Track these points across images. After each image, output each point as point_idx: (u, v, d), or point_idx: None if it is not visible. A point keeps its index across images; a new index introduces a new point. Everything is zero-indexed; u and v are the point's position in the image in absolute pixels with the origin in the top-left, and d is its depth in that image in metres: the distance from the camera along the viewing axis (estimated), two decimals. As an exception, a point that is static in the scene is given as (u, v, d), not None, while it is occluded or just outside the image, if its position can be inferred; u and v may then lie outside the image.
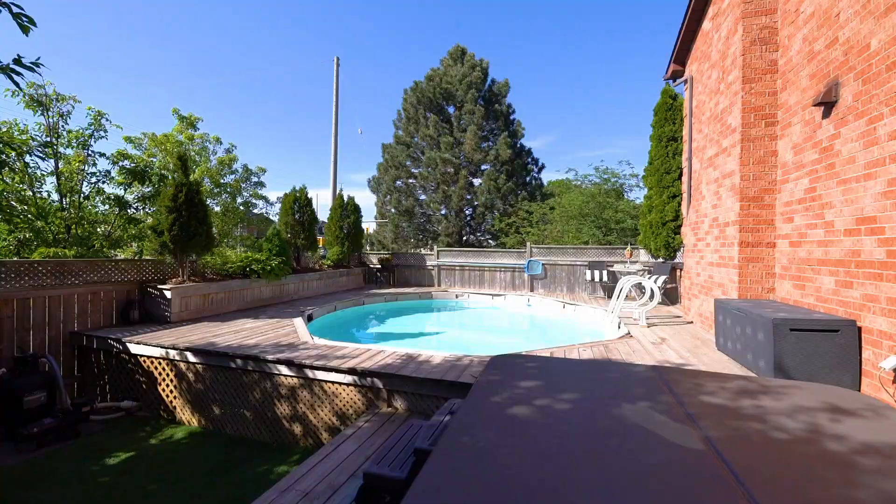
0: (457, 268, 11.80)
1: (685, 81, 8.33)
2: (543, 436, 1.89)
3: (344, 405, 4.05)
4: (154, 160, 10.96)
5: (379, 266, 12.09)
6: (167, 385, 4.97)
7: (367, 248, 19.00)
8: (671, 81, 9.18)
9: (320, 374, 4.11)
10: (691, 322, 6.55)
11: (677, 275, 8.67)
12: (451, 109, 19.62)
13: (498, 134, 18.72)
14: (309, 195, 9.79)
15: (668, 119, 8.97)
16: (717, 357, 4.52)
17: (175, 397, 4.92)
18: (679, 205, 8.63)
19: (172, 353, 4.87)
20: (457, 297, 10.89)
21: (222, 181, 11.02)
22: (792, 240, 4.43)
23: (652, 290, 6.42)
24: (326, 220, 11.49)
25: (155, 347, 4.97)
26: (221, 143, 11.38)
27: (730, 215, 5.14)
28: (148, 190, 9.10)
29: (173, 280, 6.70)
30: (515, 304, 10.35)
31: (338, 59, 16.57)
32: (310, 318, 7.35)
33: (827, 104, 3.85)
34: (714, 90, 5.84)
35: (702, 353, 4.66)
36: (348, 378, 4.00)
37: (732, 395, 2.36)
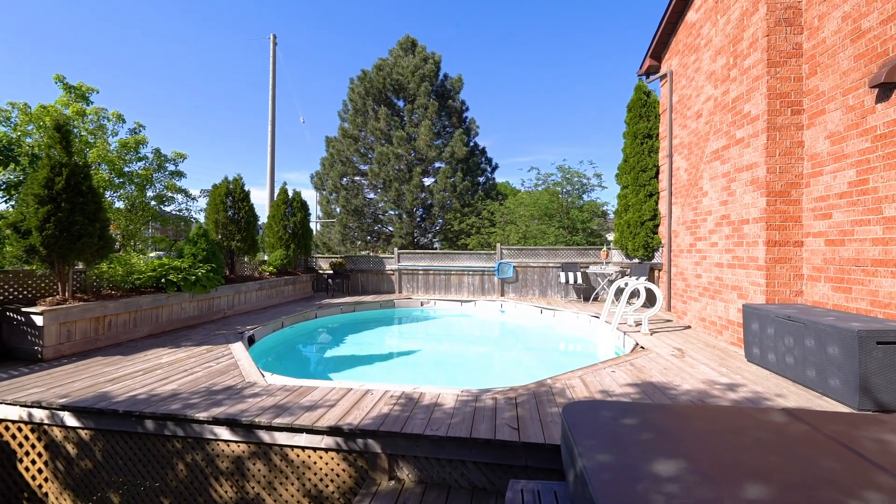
0: (420, 272, 10.68)
1: (662, 77, 8.09)
2: None
3: (321, 481, 2.80)
4: (29, 140, 8.48)
5: (330, 272, 10.56)
6: (32, 463, 3.29)
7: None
8: (644, 77, 8.96)
9: (283, 437, 2.82)
10: (689, 327, 6.15)
11: (655, 275, 8.42)
12: (401, 103, 18.42)
13: (452, 131, 17.91)
14: (246, 188, 8.06)
15: (643, 116, 8.71)
16: (758, 372, 3.97)
17: (47, 480, 3.26)
18: (656, 203, 8.39)
19: (39, 415, 3.22)
20: (422, 304, 9.78)
21: (126, 169, 8.79)
22: (829, 238, 4.03)
23: (654, 294, 5.90)
24: (267, 220, 9.73)
25: (10, 406, 3.27)
26: (125, 122, 9.11)
27: (750, 212, 4.69)
28: (14, 176, 6.81)
29: (48, 299, 4.82)
30: (488, 311, 9.50)
31: (274, 36, 14.61)
32: (251, 341, 5.81)
33: (884, 86, 3.43)
34: (722, 77, 5.44)
35: (739, 368, 4.10)
36: (328, 440, 2.76)
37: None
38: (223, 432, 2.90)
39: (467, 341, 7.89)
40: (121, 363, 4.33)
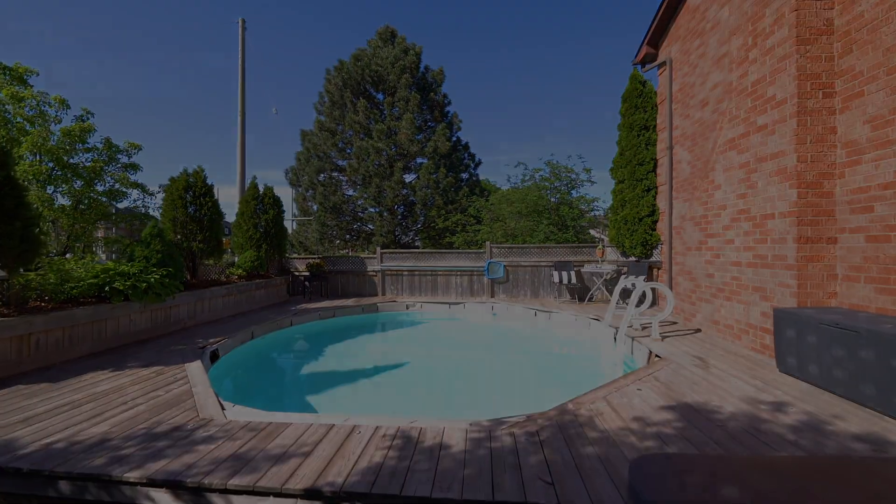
0: (405, 272, 10.01)
1: (661, 65, 7.70)
2: None
3: (295, 556, 2.14)
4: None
5: (307, 273, 9.76)
6: None
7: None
8: (640, 66, 8.56)
9: (243, 502, 2.14)
10: (699, 330, 5.74)
11: (654, 274, 8.04)
12: (380, 96, 17.63)
13: (434, 125, 17.26)
14: (209, 181, 7.18)
15: (640, 107, 8.31)
16: (798, 385, 3.54)
17: (-78, 561, 2.46)
18: (655, 198, 8.00)
19: (-87, 475, 2.42)
20: (408, 307, 9.13)
21: (71, 160, 7.73)
22: (871, 233, 3.63)
23: (662, 296, 5.45)
24: (235, 218, 8.84)
25: None
26: (69, 109, 8.03)
27: (777, 205, 4.27)
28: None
29: (-46, 315, 3.93)
30: (479, 314, 8.94)
31: (243, 20, 13.55)
32: (214, 357, 5.03)
33: (945, 60, 3.02)
34: (738, 60, 5.01)
35: (774, 381, 3.65)
36: (303, 505, 2.10)
37: None
38: (163, 497, 2.19)
39: (460, 349, 7.29)
40: (45, 394, 3.51)
